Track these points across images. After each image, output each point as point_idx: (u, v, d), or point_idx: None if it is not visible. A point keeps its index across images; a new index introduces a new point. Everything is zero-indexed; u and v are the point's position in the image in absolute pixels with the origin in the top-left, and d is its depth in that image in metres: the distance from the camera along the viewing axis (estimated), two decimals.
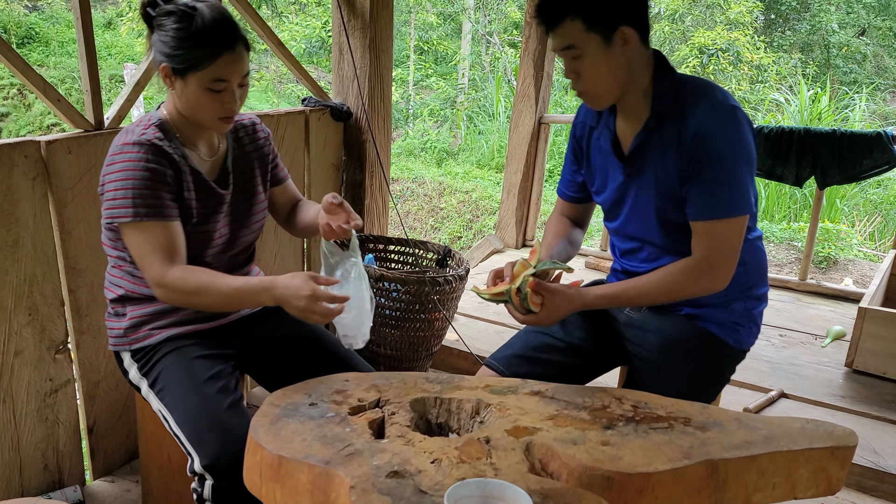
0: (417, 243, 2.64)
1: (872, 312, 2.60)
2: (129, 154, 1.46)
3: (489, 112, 10.15)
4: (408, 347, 2.35)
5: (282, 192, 1.82)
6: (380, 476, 1.10)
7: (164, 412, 1.51)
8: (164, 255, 1.47)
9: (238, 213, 1.67)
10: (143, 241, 1.46)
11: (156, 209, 1.46)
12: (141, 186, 1.45)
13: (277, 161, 1.81)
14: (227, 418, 1.44)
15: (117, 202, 1.45)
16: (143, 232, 1.46)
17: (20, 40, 10.45)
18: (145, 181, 1.45)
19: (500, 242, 4.27)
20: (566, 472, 1.18)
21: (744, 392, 2.58)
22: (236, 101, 1.51)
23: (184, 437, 1.45)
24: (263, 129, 1.77)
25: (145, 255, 1.47)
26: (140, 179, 1.45)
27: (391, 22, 2.71)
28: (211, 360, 1.57)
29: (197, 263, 1.57)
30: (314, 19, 11.03)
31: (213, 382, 1.51)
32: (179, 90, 1.49)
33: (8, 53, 1.74)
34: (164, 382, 1.54)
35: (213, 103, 1.48)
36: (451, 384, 1.46)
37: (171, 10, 1.44)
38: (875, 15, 11.90)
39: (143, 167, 1.45)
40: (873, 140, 3.21)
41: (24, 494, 1.90)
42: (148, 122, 1.53)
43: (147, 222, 1.46)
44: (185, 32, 1.42)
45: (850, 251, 5.52)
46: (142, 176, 1.45)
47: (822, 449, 1.28)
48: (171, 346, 1.59)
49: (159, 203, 1.47)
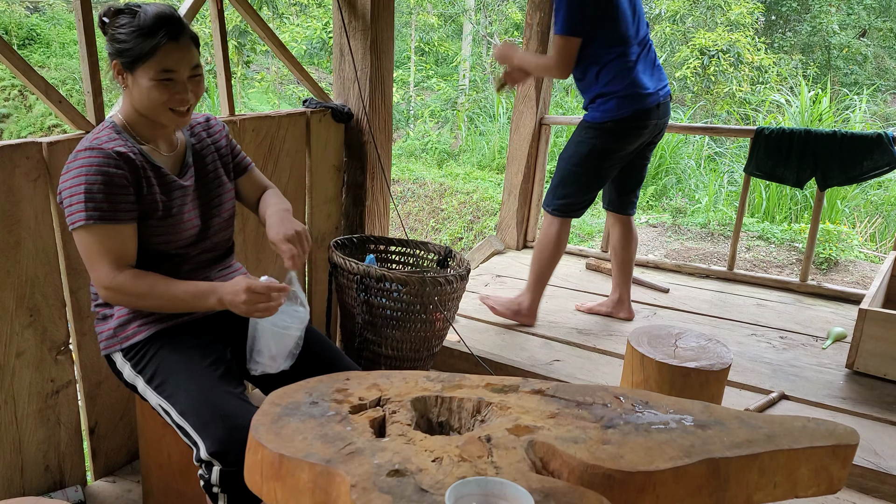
0: (418, 244, 2.64)
1: (873, 314, 2.60)
2: (81, 160, 1.48)
3: (490, 113, 10.16)
4: (409, 347, 2.35)
5: (247, 181, 1.85)
6: (381, 475, 1.10)
7: (164, 406, 1.52)
8: (114, 259, 1.49)
9: (205, 201, 1.71)
10: (93, 243, 1.48)
11: (108, 212, 1.47)
12: (94, 190, 1.46)
13: (238, 150, 1.85)
14: (231, 404, 1.47)
15: (73, 207, 1.47)
16: (95, 235, 1.48)
17: (21, 41, 10.46)
18: (98, 185, 1.46)
19: (500, 243, 4.27)
20: (567, 471, 1.18)
21: (745, 394, 2.58)
22: (188, 91, 1.53)
23: (188, 426, 1.45)
24: (218, 122, 1.82)
25: (94, 258, 1.49)
26: (93, 183, 1.46)
27: (392, 23, 2.71)
28: (207, 349, 1.59)
29: (176, 257, 1.63)
30: (315, 20, 11.05)
31: (212, 369, 1.53)
32: (132, 86, 1.52)
33: (9, 55, 1.74)
34: (163, 376, 1.55)
35: (164, 94, 1.50)
36: (452, 383, 1.46)
37: (119, 10, 1.50)
38: (876, 16, 11.90)
39: (95, 171, 1.47)
40: (874, 141, 3.21)
41: (25, 495, 1.90)
42: (101, 127, 1.58)
43: (99, 226, 1.47)
44: (131, 27, 1.47)
45: (850, 252, 5.52)
46: (94, 180, 1.46)
47: (824, 448, 1.28)
48: (164, 340, 1.60)
49: (112, 207, 1.48)
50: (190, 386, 1.50)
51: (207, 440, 1.41)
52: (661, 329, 2.14)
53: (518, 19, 11.37)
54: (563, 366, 2.76)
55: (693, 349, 2.01)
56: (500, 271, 3.89)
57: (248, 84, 10.60)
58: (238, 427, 1.40)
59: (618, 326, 3.14)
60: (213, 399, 1.47)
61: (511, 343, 2.96)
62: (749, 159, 3.51)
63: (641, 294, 3.53)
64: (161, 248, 1.61)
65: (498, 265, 3.99)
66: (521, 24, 10.73)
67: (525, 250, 4.26)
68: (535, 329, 3.10)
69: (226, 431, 1.41)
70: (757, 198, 6.57)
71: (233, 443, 1.39)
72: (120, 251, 1.50)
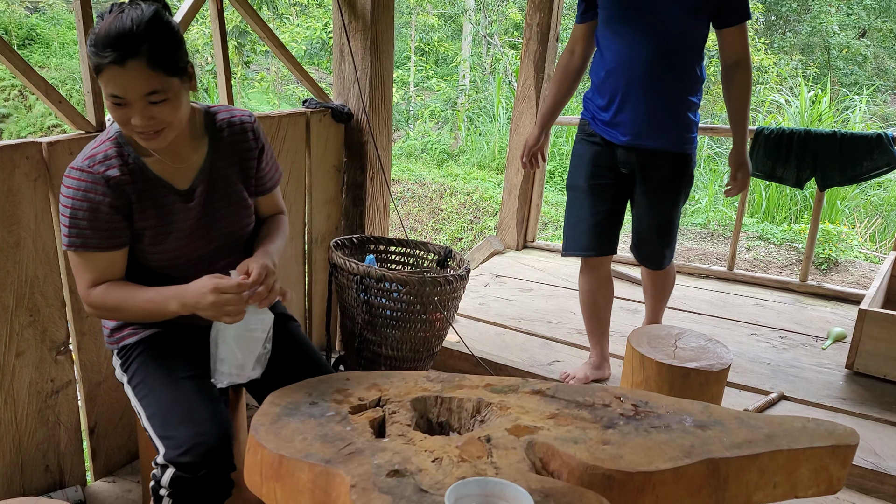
0: (418, 244, 2.64)
1: (873, 314, 2.60)
2: (69, 181, 1.43)
3: (490, 113, 10.15)
4: (409, 347, 2.35)
5: (264, 201, 1.72)
6: (380, 475, 1.10)
7: (138, 408, 1.51)
8: (93, 279, 1.47)
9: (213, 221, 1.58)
10: (76, 264, 1.47)
11: (91, 240, 1.43)
12: (78, 216, 1.42)
13: (266, 169, 1.68)
14: (200, 414, 1.42)
15: (63, 228, 1.45)
16: (75, 258, 1.47)
17: (21, 41, 10.45)
18: (82, 211, 1.42)
19: (500, 244, 4.27)
20: (567, 471, 1.18)
21: (744, 394, 2.58)
22: (145, 118, 1.35)
23: (152, 431, 1.44)
24: (253, 129, 1.63)
25: (77, 276, 1.48)
26: (77, 209, 1.42)
27: (392, 23, 2.71)
28: (191, 356, 1.56)
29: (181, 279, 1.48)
30: (315, 21, 11.04)
31: (189, 376, 1.51)
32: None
33: (9, 55, 1.74)
34: (141, 378, 1.54)
35: (120, 118, 1.37)
36: (452, 383, 1.46)
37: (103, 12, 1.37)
38: (875, 16, 11.90)
39: (82, 196, 1.42)
40: (874, 142, 3.21)
41: (25, 495, 1.90)
42: (104, 138, 1.49)
43: (80, 252, 1.45)
44: (92, 34, 1.33)
45: (850, 253, 5.52)
46: (79, 206, 1.42)
47: (823, 448, 1.29)
48: (150, 344, 1.59)
49: (95, 235, 1.43)
50: (162, 391, 1.48)
51: (167, 446, 1.39)
52: (661, 329, 2.14)
53: (518, 19, 11.37)
54: (563, 366, 2.76)
55: (693, 349, 2.01)
56: (499, 271, 3.89)
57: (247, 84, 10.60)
58: (202, 434, 1.37)
59: (618, 327, 3.15)
60: (181, 406, 1.43)
61: (511, 343, 2.96)
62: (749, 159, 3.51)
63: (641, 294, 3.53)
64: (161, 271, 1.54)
65: (498, 265, 3.99)
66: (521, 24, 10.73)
67: (525, 250, 4.26)
68: (535, 329, 3.10)
69: (187, 439, 1.37)
70: (757, 198, 6.57)
71: (194, 452, 1.35)
72: (100, 275, 1.47)
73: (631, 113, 2.27)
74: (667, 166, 2.34)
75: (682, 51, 2.21)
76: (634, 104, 2.26)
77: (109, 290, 1.47)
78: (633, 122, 2.28)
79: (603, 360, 2.68)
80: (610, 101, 2.31)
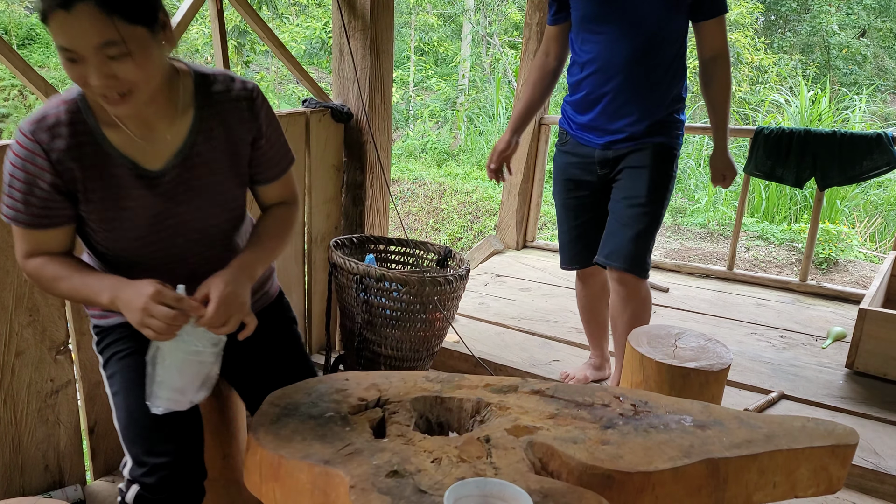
0: (418, 244, 2.64)
1: (873, 314, 2.60)
2: (15, 145, 1.25)
3: (489, 113, 10.15)
4: (408, 347, 2.35)
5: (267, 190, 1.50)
6: (379, 475, 1.10)
7: (110, 401, 1.43)
8: (26, 251, 1.32)
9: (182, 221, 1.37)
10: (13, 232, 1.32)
11: (23, 215, 1.27)
12: (14, 186, 1.26)
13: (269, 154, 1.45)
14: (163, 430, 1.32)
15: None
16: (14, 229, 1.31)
17: (21, 41, 10.45)
18: (18, 181, 1.25)
19: (500, 243, 4.27)
20: (566, 471, 1.18)
21: (744, 394, 2.58)
22: (103, 76, 1.14)
23: (120, 435, 1.38)
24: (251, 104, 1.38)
25: (15, 243, 1.33)
26: (12, 177, 1.25)
27: (392, 23, 2.71)
28: None
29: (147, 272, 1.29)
30: (314, 20, 11.04)
31: None
32: None
33: (9, 54, 1.74)
34: (112, 371, 1.44)
35: (76, 77, 1.15)
36: (452, 383, 1.46)
37: None
38: (875, 16, 11.90)
39: (21, 164, 1.24)
40: (873, 141, 3.21)
41: (24, 494, 1.90)
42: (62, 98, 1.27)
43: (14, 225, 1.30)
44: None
45: (850, 252, 5.52)
46: (16, 175, 1.25)
47: (823, 447, 1.28)
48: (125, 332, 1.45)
49: (28, 212, 1.27)
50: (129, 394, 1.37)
51: (131, 458, 1.33)
52: (661, 329, 2.13)
53: (517, 19, 11.37)
54: (563, 365, 2.75)
55: (693, 349, 2.00)
56: (499, 271, 3.89)
57: None
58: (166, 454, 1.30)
59: None
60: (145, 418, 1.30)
61: (511, 343, 2.96)
62: (748, 159, 3.51)
63: None
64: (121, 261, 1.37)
65: (497, 265, 3.99)
66: (521, 24, 10.73)
67: (524, 250, 4.26)
68: (535, 329, 3.10)
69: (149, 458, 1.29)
70: (756, 198, 6.57)
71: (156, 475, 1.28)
72: (37, 248, 1.31)
73: (612, 112, 2.21)
74: (647, 153, 2.21)
75: (662, 45, 2.15)
76: (616, 103, 2.20)
77: (47, 263, 1.30)
78: (614, 120, 2.21)
79: (604, 360, 2.67)
80: (589, 102, 2.25)
